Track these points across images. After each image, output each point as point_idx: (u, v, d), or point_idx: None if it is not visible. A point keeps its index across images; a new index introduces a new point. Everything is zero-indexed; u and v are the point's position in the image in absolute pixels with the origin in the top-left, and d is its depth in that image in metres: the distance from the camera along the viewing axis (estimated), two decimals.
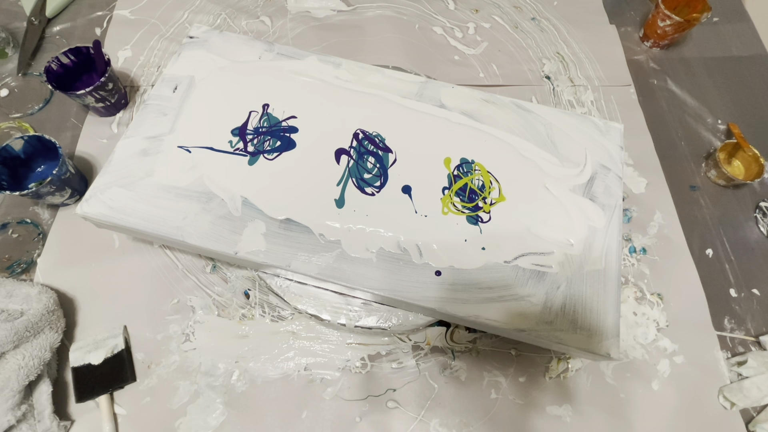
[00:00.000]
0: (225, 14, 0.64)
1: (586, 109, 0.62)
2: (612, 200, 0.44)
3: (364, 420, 0.42)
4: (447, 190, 0.43)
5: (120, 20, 0.62)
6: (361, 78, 0.48)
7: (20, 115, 0.55)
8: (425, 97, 0.48)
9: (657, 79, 0.66)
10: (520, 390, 0.44)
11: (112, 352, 0.41)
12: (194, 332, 0.44)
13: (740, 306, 0.51)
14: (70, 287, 0.45)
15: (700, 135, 0.62)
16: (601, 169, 0.45)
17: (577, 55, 0.66)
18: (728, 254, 0.54)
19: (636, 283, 0.51)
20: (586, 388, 0.45)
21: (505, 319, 0.38)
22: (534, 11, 0.70)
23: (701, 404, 0.46)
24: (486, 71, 0.63)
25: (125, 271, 0.47)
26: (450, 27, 0.67)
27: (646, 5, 0.73)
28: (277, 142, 0.44)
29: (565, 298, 0.39)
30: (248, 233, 0.40)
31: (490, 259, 0.40)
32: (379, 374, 0.44)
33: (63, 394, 0.41)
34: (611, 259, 0.41)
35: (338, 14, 0.66)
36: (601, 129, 0.48)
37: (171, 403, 0.41)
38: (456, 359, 0.45)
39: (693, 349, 0.48)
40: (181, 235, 0.39)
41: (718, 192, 0.58)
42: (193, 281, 0.47)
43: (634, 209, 0.55)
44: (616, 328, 0.38)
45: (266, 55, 0.49)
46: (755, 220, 0.56)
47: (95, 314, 0.44)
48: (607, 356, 0.37)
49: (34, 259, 0.46)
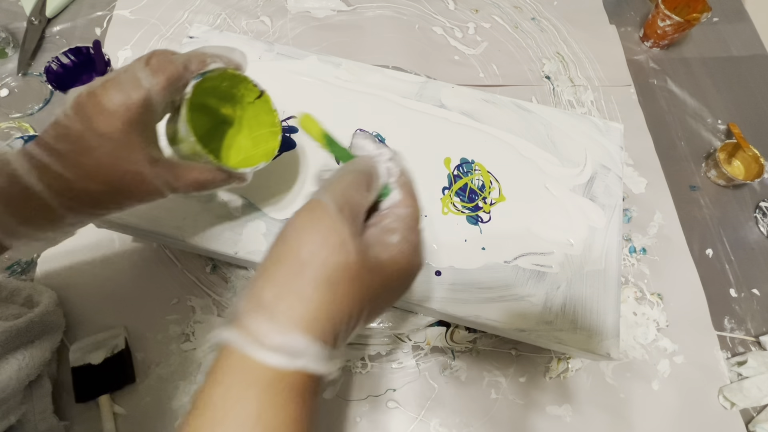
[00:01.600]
0: (225, 14, 0.64)
1: (586, 109, 0.62)
2: (612, 200, 0.44)
3: (364, 420, 0.42)
4: (447, 190, 0.43)
5: (120, 20, 0.62)
6: (361, 78, 0.48)
7: (20, 115, 0.55)
8: (425, 97, 0.48)
9: (657, 79, 0.66)
10: (520, 390, 0.44)
11: (112, 352, 0.41)
12: (194, 332, 0.44)
13: (740, 306, 0.51)
14: (70, 287, 0.45)
15: (700, 135, 0.62)
16: (601, 169, 0.45)
17: (577, 55, 0.66)
18: (728, 254, 0.54)
19: (636, 283, 0.51)
20: (586, 388, 0.45)
21: (505, 319, 0.38)
22: (534, 11, 0.70)
23: (701, 404, 0.46)
24: (486, 71, 0.63)
25: (125, 271, 0.46)
26: (450, 27, 0.67)
27: (646, 5, 0.73)
28: None
29: (565, 298, 0.39)
30: (248, 233, 0.40)
31: (490, 259, 0.40)
32: (379, 374, 0.44)
33: (63, 394, 0.41)
34: (611, 259, 0.41)
35: (338, 14, 0.66)
36: (601, 129, 0.48)
37: (171, 403, 0.41)
38: (456, 359, 0.45)
39: (693, 349, 0.48)
40: (181, 235, 0.39)
41: (718, 192, 0.58)
42: (193, 281, 0.47)
43: (634, 209, 0.55)
44: (616, 328, 0.39)
45: (266, 55, 0.49)
46: (755, 220, 0.56)
47: (95, 314, 0.44)
48: (607, 356, 0.37)
49: (34, 259, 0.46)
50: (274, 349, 0.18)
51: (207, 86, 0.31)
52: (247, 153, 0.37)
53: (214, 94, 0.34)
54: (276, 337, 0.18)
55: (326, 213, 0.21)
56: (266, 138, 0.35)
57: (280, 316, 0.19)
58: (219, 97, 0.34)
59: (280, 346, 0.18)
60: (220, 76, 0.31)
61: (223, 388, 0.19)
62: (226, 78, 0.32)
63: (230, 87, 0.33)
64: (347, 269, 0.20)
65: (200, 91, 0.30)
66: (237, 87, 0.33)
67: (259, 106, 0.35)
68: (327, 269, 0.20)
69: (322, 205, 0.21)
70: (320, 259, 0.20)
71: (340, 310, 0.20)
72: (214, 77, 0.30)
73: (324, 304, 0.19)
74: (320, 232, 0.20)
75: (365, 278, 0.20)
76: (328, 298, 0.19)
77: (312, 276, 0.20)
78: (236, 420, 0.18)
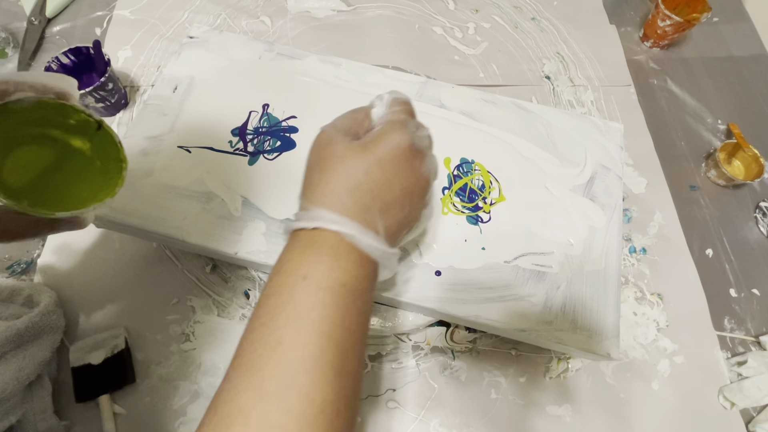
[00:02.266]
0: (225, 14, 0.64)
1: (586, 109, 0.62)
2: (612, 200, 0.44)
3: (364, 420, 0.42)
4: (447, 190, 0.43)
5: (120, 20, 0.62)
6: (361, 78, 0.48)
7: None
8: (425, 97, 0.48)
9: (657, 79, 0.66)
10: (520, 390, 0.44)
11: (112, 352, 0.41)
12: (194, 332, 0.44)
13: (740, 306, 0.51)
14: (70, 287, 0.45)
15: (700, 135, 0.62)
16: (601, 169, 0.45)
17: (577, 55, 0.66)
18: (728, 254, 0.54)
19: (636, 283, 0.51)
20: (586, 388, 0.45)
21: (505, 319, 0.38)
22: (534, 11, 0.70)
23: (701, 404, 0.46)
24: (486, 71, 0.63)
25: (125, 271, 0.47)
26: (450, 27, 0.67)
27: (646, 5, 0.73)
28: (277, 142, 0.44)
29: (565, 298, 0.39)
30: (248, 233, 0.40)
31: (490, 259, 0.40)
32: (379, 374, 0.44)
33: (63, 394, 0.41)
34: (611, 259, 0.41)
35: (338, 14, 0.66)
36: (601, 129, 0.48)
37: (171, 403, 0.41)
38: (456, 359, 0.45)
39: (693, 349, 0.48)
40: (181, 235, 0.39)
41: (718, 192, 0.58)
42: (193, 281, 0.47)
43: (634, 209, 0.55)
44: (616, 328, 0.39)
45: (266, 55, 0.49)
46: (755, 220, 0.56)
47: (95, 314, 0.44)
48: (607, 356, 0.37)
49: (34, 259, 0.46)
50: (306, 220, 0.26)
51: (35, 116, 0.27)
52: (95, 190, 0.31)
53: (51, 125, 0.29)
54: (303, 214, 0.27)
55: (322, 131, 0.29)
56: (113, 174, 0.31)
57: (304, 203, 0.27)
58: (61, 127, 0.29)
59: (306, 217, 0.26)
60: (39, 106, 0.26)
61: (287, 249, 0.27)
62: (50, 108, 0.27)
63: (63, 117, 0.28)
64: (334, 154, 0.27)
65: (25, 122, 0.26)
66: (71, 117, 0.29)
67: (103, 137, 0.30)
68: (321, 160, 0.28)
69: (321, 130, 0.29)
70: (316, 156, 0.28)
71: (339, 181, 0.26)
72: (29, 108, 0.26)
73: (324, 182, 0.27)
74: (316, 142, 0.29)
75: (351, 157, 0.27)
76: (326, 177, 0.27)
77: (315, 169, 0.28)
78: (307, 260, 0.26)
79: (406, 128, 0.28)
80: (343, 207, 0.26)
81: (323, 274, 0.25)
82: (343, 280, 0.25)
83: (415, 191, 0.28)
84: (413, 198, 0.28)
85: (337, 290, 0.25)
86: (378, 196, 0.27)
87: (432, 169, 0.30)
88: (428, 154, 0.29)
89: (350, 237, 0.26)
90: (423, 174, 0.29)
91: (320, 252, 0.25)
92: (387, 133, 0.28)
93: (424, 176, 0.29)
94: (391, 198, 0.27)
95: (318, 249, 0.26)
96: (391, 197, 0.27)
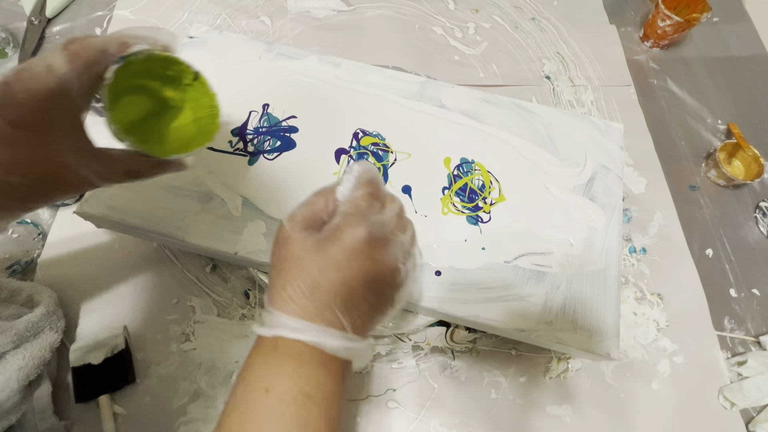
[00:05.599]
0: (225, 14, 0.64)
1: (586, 109, 0.62)
2: (612, 200, 0.44)
3: (364, 420, 0.42)
4: (447, 190, 0.43)
5: (120, 20, 0.62)
6: (361, 78, 0.48)
7: None
8: (425, 97, 0.48)
9: (657, 79, 0.66)
10: (520, 390, 0.44)
11: (112, 352, 0.41)
12: (194, 332, 0.44)
13: (740, 306, 0.51)
14: (70, 287, 0.45)
15: (700, 135, 0.62)
16: (601, 169, 0.45)
17: (577, 55, 0.66)
18: (728, 254, 0.54)
19: (636, 283, 0.51)
20: (586, 388, 0.45)
21: (505, 319, 0.38)
22: (534, 11, 0.70)
23: (701, 404, 0.46)
24: (486, 71, 0.63)
25: (125, 271, 0.46)
26: (450, 27, 0.67)
27: (646, 5, 0.73)
28: (277, 142, 0.44)
29: (565, 298, 0.39)
30: (248, 233, 0.40)
31: (490, 259, 0.40)
32: (379, 374, 0.44)
33: (63, 394, 0.41)
34: (611, 259, 0.41)
35: (338, 14, 0.66)
36: (601, 129, 0.48)
37: (171, 403, 0.41)
38: (456, 359, 0.45)
39: (693, 349, 0.48)
40: (181, 234, 0.39)
41: (718, 192, 0.58)
42: (193, 281, 0.47)
43: (634, 209, 0.55)
44: (616, 328, 0.38)
45: (266, 55, 0.49)
46: (755, 220, 0.56)
47: (95, 314, 0.44)
48: (607, 356, 0.37)
49: (34, 259, 0.46)
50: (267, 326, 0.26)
51: (140, 68, 0.29)
52: (190, 137, 0.34)
53: (152, 76, 0.31)
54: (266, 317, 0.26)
55: (281, 228, 0.28)
56: (207, 121, 0.34)
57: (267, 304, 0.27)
58: (159, 79, 0.32)
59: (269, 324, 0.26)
60: (148, 59, 0.29)
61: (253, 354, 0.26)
62: (155, 60, 0.29)
63: (164, 69, 0.31)
64: (290, 255, 0.26)
65: (132, 74, 0.28)
66: (171, 69, 0.31)
67: (198, 88, 0.33)
68: (279, 262, 0.27)
69: (280, 225, 0.28)
70: (276, 257, 0.27)
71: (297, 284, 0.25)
72: (140, 60, 0.28)
73: (281, 285, 0.26)
74: (276, 240, 0.28)
75: (306, 258, 0.26)
76: (283, 280, 0.26)
77: (274, 269, 0.27)
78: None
79: (363, 220, 0.27)
80: (303, 311, 0.25)
81: (285, 385, 0.24)
82: (307, 390, 0.24)
83: (378, 281, 0.27)
84: (378, 288, 0.27)
85: (300, 402, 0.24)
86: (337, 294, 0.25)
87: (400, 251, 0.28)
88: (393, 239, 0.28)
89: (312, 342, 0.25)
90: (387, 262, 0.27)
91: (282, 360, 0.24)
92: (342, 229, 0.26)
93: (389, 264, 0.27)
94: (351, 294, 0.26)
95: (279, 357, 0.25)
96: (352, 293, 0.26)
